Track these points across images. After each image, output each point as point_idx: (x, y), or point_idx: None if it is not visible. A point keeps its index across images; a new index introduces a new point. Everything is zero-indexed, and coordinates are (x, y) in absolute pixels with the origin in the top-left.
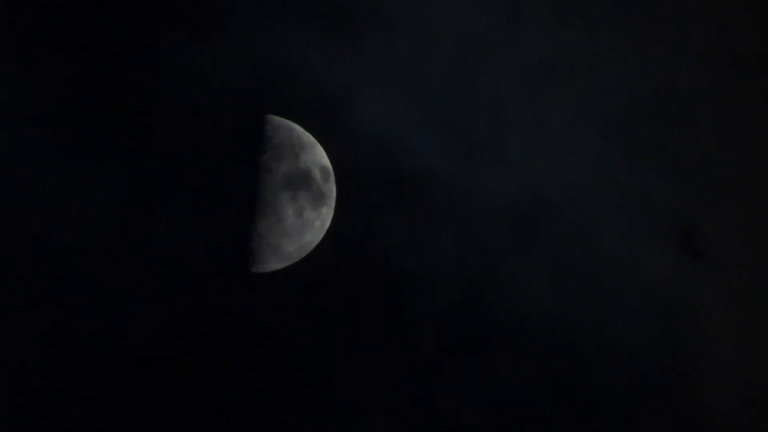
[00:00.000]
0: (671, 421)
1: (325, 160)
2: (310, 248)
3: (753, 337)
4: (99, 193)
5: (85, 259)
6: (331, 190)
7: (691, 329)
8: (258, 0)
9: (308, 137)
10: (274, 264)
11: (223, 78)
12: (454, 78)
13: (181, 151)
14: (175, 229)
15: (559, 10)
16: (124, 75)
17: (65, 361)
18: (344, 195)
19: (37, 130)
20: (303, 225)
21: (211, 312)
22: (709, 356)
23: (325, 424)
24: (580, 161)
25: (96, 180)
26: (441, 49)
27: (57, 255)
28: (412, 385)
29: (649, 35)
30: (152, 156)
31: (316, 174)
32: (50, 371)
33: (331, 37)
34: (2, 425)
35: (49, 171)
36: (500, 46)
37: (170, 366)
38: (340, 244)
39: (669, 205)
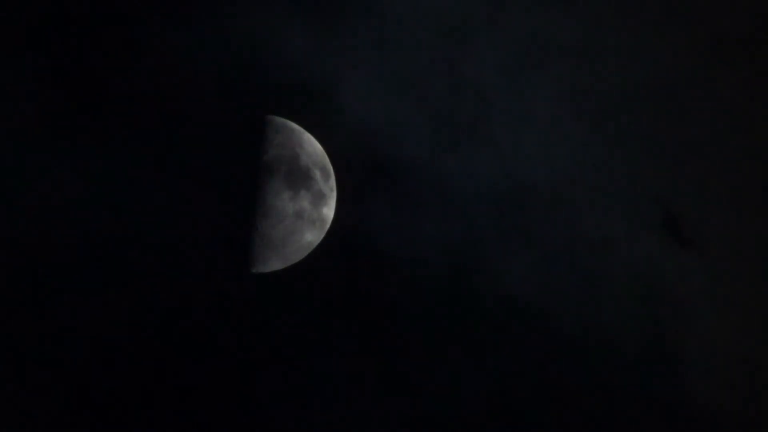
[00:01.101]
0: (654, 402)
1: (326, 160)
2: (311, 248)
3: (735, 320)
4: (97, 193)
5: (84, 259)
6: (332, 190)
7: (675, 313)
8: None
9: (309, 137)
10: (274, 264)
11: (209, 66)
12: (438, 64)
13: (181, 149)
14: (176, 229)
15: None
16: (109, 67)
17: (64, 361)
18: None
19: (34, 130)
20: (303, 225)
21: (211, 312)
22: (692, 339)
23: (318, 417)
24: (564, 146)
25: (94, 180)
26: (426, 35)
27: (54, 253)
28: (399, 371)
29: (634, 21)
30: (152, 155)
31: (317, 174)
32: (48, 370)
33: (315, 23)
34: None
35: (45, 172)
36: (485, 32)
37: (170, 365)
38: (333, 234)
39: (653, 191)
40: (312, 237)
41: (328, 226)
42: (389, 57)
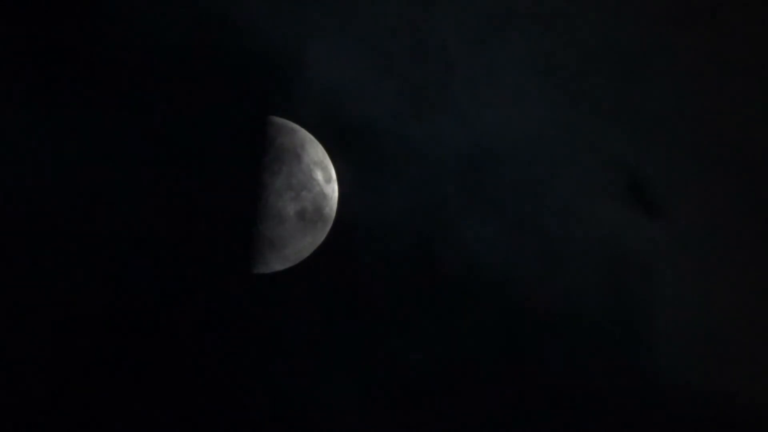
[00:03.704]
0: (623, 372)
1: (327, 160)
2: (312, 249)
3: (703, 288)
4: (96, 191)
5: (82, 259)
6: (333, 191)
7: (643, 280)
8: None
9: (311, 138)
10: (275, 265)
11: (172, 35)
12: (403, 31)
13: (181, 147)
14: (176, 228)
15: None
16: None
17: (61, 361)
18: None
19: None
20: (305, 226)
21: (211, 312)
22: (659, 308)
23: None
24: (530, 113)
25: (92, 178)
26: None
27: (51, 249)
28: (363, 342)
29: None
30: (151, 152)
31: (318, 175)
32: (48, 369)
33: None
34: None
35: (49, 162)
36: None
37: (170, 366)
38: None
39: (619, 157)
40: (312, 238)
41: (329, 227)
42: (353, 23)
